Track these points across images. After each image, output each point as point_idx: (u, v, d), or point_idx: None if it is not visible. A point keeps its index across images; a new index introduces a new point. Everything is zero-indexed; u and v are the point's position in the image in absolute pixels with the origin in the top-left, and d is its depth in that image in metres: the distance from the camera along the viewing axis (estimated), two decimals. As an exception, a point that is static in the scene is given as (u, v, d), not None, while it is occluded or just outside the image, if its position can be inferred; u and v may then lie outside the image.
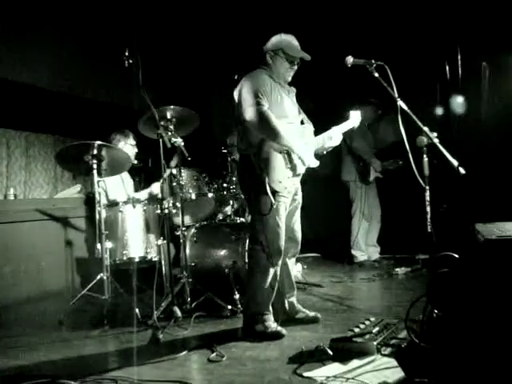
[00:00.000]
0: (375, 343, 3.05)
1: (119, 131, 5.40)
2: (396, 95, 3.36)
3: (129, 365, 3.10)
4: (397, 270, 5.77)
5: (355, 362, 2.91)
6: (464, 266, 2.34)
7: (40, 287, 5.32)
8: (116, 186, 5.29)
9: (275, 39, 3.76)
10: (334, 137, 3.87)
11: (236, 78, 4.79)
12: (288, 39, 3.73)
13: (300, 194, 3.86)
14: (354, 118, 4.07)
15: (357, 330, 3.24)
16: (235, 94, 3.66)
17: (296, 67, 3.77)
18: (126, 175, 5.53)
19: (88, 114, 6.79)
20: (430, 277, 2.59)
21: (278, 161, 3.51)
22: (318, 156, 3.88)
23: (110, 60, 4.79)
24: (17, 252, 5.19)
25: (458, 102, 6.22)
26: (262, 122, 3.46)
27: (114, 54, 4.37)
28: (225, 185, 4.96)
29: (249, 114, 3.48)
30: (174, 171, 4.40)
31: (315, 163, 3.76)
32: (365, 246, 6.54)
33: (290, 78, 3.79)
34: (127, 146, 5.40)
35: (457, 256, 2.44)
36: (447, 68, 2.52)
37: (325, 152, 4.00)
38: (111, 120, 6.45)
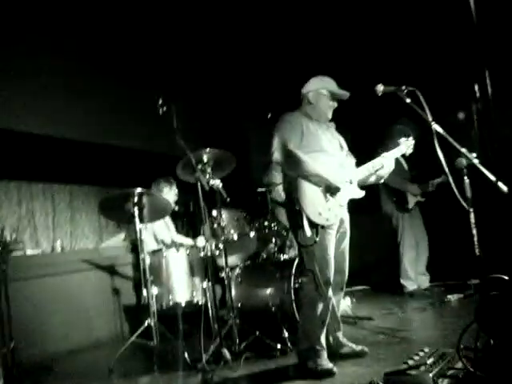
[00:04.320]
0: (431, 375, 2.93)
1: (164, 179, 5.53)
2: (430, 119, 3.33)
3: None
4: (449, 297, 5.61)
5: (411, 396, 2.80)
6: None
7: (90, 337, 5.38)
8: (163, 229, 5.37)
9: (317, 80, 3.92)
10: (385, 164, 3.91)
11: (269, 116, 4.84)
12: (329, 79, 3.91)
13: (347, 224, 3.86)
14: (405, 144, 4.09)
15: (411, 361, 3.13)
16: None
17: (336, 104, 3.90)
18: (168, 220, 5.60)
19: (127, 163, 6.93)
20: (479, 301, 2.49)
21: (315, 193, 3.58)
22: (364, 187, 3.88)
23: (145, 108, 4.89)
24: (66, 303, 5.28)
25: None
26: (288, 160, 3.59)
27: (148, 102, 4.45)
28: (266, 223, 4.95)
29: (276, 155, 3.63)
30: (215, 213, 4.41)
31: (360, 194, 3.83)
32: (414, 274, 6.39)
33: (331, 115, 3.92)
34: (171, 193, 5.53)
35: (507, 278, 2.35)
36: (476, 88, 2.49)
37: (381, 180, 4.09)
38: (150, 168, 6.57)
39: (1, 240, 4.55)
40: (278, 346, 4.12)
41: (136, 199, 4.34)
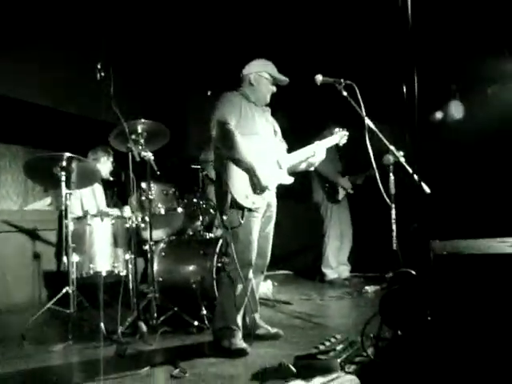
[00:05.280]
0: (339, 360, 3.04)
1: (102, 147, 5.42)
2: (364, 114, 3.42)
3: (91, 380, 3.06)
4: (366, 288, 5.77)
5: (318, 380, 2.88)
6: (416, 282, 2.36)
7: (5, 300, 5.24)
8: (89, 198, 5.28)
9: (259, 62, 3.93)
10: (317, 152, 3.95)
11: (209, 94, 4.82)
12: (271, 64, 3.92)
13: (274, 208, 3.89)
14: (339, 135, 4.15)
15: (321, 347, 3.23)
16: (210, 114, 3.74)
17: (275, 89, 3.92)
18: (98, 188, 5.51)
19: (59, 127, 6.73)
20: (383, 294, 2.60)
21: (243, 176, 3.59)
22: (294, 173, 3.92)
23: (82, 72, 4.77)
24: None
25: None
26: (225, 138, 3.58)
27: (86, 67, 4.35)
28: (195, 200, 4.95)
29: (214, 131, 3.61)
30: (144, 185, 4.37)
31: (288, 180, 3.86)
32: (336, 263, 6.56)
33: (269, 99, 3.93)
34: (108, 163, 5.45)
35: (414, 272, 2.46)
36: (404, 89, 2.58)
37: (311, 168, 4.10)
38: (82, 133, 6.41)
39: None
40: (196, 323, 4.15)
41: (64, 163, 4.23)
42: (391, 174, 3.53)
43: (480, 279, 2.04)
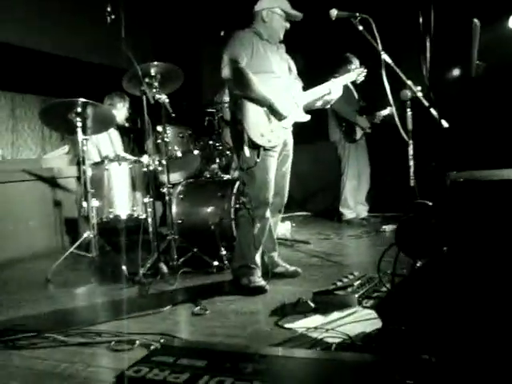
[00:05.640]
0: (356, 296, 3.09)
1: (118, 93, 5.42)
2: (380, 48, 3.33)
3: (114, 319, 3.14)
4: (384, 227, 5.79)
5: (336, 314, 2.94)
6: (431, 210, 2.36)
7: (29, 247, 5.35)
8: (105, 143, 5.30)
9: None
10: (332, 89, 3.88)
11: (223, 34, 4.74)
12: None
13: (291, 147, 3.87)
14: (356, 72, 4.07)
15: (339, 283, 3.28)
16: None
17: (288, 25, 3.82)
18: (114, 134, 5.53)
19: (74, 75, 6.72)
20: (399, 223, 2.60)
21: (258, 114, 3.56)
22: (310, 111, 3.88)
23: (93, 18, 4.70)
24: (5, 212, 5.20)
25: None
26: (236, 78, 3.53)
27: (97, 12, 4.28)
28: (211, 142, 4.95)
29: (225, 71, 3.56)
30: (159, 128, 4.36)
31: (305, 117, 3.82)
32: (354, 203, 6.56)
33: (282, 36, 3.84)
34: (124, 109, 5.46)
35: (430, 203, 2.46)
36: (420, 20, 2.50)
37: (327, 106, 4.04)
38: (98, 81, 6.39)
39: None
40: (215, 263, 4.21)
41: (79, 109, 4.23)
42: (408, 110, 3.46)
43: (497, 206, 2.02)
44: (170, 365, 1.84)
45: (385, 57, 3.36)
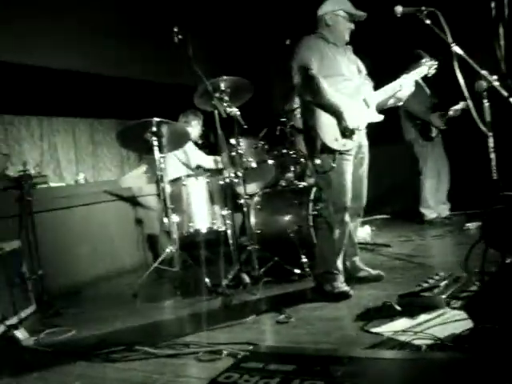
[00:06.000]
0: (444, 297, 3.00)
1: (192, 111, 5.55)
2: (450, 40, 3.24)
3: (200, 330, 3.20)
4: (468, 224, 5.59)
5: (423, 317, 2.87)
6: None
7: (115, 265, 5.54)
8: (181, 159, 5.42)
9: (332, 1, 3.79)
10: (404, 86, 3.82)
11: (288, 43, 4.75)
12: (345, 0, 3.78)
13: (366, 149, 3.83)
14: (427, 65, 3.97)
15: (425, 285, 3.19)
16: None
17: (353, 26, 3.80)
18: (190, 149, 5.64)
19: (147, 96, 6.93)
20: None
21: (331, 119, 3.53)
22: (383, 111, 3.83)
23: (160, 39, 4.84)
24: (91, 233, 5.40)
25: None
26: (307, 84, 3.54)
27: (162, 34, 4.41)
28: (284, 151, 4.96)
29: (296, 78, 3.59)
30: (233, 141, 4.42)
31: (378, 118, 3.77)
32: (434, 203, 6.38)
33: (348, 38, 3.82)
34: (198, 127, 5.60)
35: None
36: (492, 5, 2.40)
37: (399, 103, 3.97)
38: (170, 99, 6.56)
39: (25, 173, 4.63)
40: (297, 271, 4.21)
41: (155, 128, 4.36)
42: (485, 101, 3.34)
43: None
44: (260, 370, 1.84)
45: (456, 48, 3.26)
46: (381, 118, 3.75)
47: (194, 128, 5.57)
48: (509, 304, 2.29)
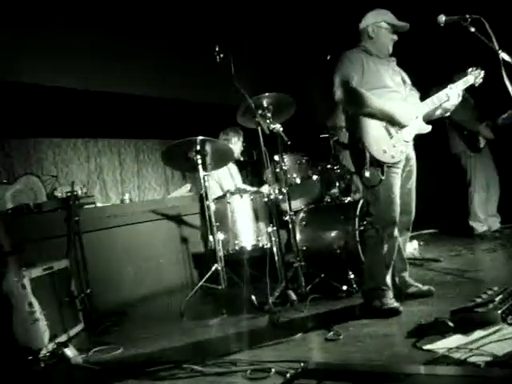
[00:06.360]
0: (499, 312, 2.89)
1: (232, 128, 5.59)
2: (497, 47, 3.16)
3: (247, 348, 3.17)
4: (520, 237, 5.43)
5: (478, 333, 2.76)
6: None
7: (161, 284, 5.56)
8: (226, 177, 5.44)
9: (375, 12, 3.79)
10: (451, 96, 3.74)
11: (329, 58, 4.74)
12: (387, 11, 3.76)
13: (414, 162, 3.76)
14: (474, 74, 3.89)
15: (479, 300, 3.09)
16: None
17: (396, 37, 3.77)
18: (233, 168, 5.67)
19: (189, 117, 7.01)
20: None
21: (378, 130, 3.50)
22: (430, 122, 3.77)
23: (203, 59, 4.90)
24: (137, 252, 5.45)
25: None
26: (350, 98, 3.52)
27: (205, 53, 4.45)
28: (329, 166, 4.92)
29: (338, 94, 3.55)
30: (277, 158, 4.40)
31: (426, 128, 3.71)
32: (484, 216, 6.22)
33: (391, 49, 3.79)
34: (239, 143, 5.61)
35: None
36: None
37: (447, 114, 3.89)
38: (211, 119, 6.61)
39: (72, 194, 4.72)
40: (344, 288, 4.14)
41: (198, 147, 4.39)
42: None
43: None
44: (315, 387, 1.80)
45: (503, 55, 3.18)
46: (429, 128, 3.68)
47: (235, 145, 5.58)
48: None
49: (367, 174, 3.44)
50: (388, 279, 3.57)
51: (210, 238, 4.38)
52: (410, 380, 1.76)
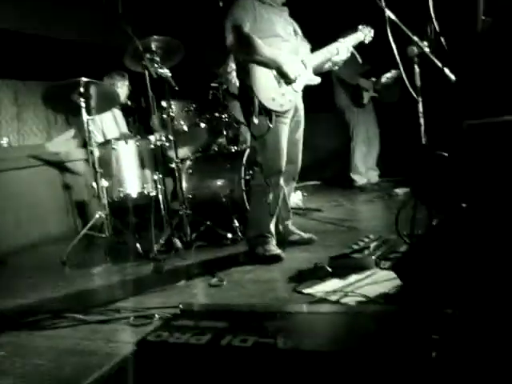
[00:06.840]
0: (374, 258, 3.06)
1: (117, 72, 5.35)
2: (383, 5, 3.24)
3: (131, 295, 3.14)
4: (396, 190, 5.72)
5: (354, 277, 2.92)
6: (447, 156, 2.31)
7: (42, 232, 5.35)
8: (110, 123, 5.26)
9: None
10: (340, 50, 3.80)
11: (222, 5, 4.65)
12: None
13: (302, 112, 3.80)
14: (364, 32, 3.96)
15: (355, 246, 3.25)
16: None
17: None
18: (118, 113, 5.48)
19: (71, 57, 6.65)
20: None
21: (268, 79, 3.49)
22: (320, 73, 3.81)
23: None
24: (17, 199, 5.18)
25: None
26: (242, 43, 3.46)
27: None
28: (217, 114, 4.87)
29: (229, 38, 3.49)
30: (164, 103, 4.31)
31: (315, 80, 3.74)
32: (364, 169, 6.50)
33: None
34: (124, 87, 5.39)
35: (446, 154, 2.41)
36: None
37: (335, 67, 3.96)
38: (97, 61, 6.32)
39: None
40: (229, 236, 4.20)
41: (82, 89, 4.19)
42: (416, 67, 3.37)
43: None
44: (191, 328, 1.81)
45: (389, 13, 3.27)
46: (318, 80, 3.73)
47: (121, 89, 5.37)
48: (435, 263, 2.35)
49: (256, 121, 3.44)
50: (272, 227, 3.65)
51: (94, 184, 4.24)
52: (289, 317, 1.82)
